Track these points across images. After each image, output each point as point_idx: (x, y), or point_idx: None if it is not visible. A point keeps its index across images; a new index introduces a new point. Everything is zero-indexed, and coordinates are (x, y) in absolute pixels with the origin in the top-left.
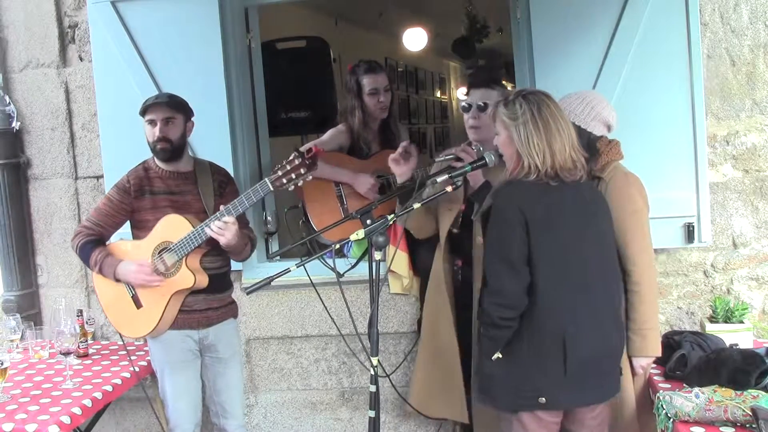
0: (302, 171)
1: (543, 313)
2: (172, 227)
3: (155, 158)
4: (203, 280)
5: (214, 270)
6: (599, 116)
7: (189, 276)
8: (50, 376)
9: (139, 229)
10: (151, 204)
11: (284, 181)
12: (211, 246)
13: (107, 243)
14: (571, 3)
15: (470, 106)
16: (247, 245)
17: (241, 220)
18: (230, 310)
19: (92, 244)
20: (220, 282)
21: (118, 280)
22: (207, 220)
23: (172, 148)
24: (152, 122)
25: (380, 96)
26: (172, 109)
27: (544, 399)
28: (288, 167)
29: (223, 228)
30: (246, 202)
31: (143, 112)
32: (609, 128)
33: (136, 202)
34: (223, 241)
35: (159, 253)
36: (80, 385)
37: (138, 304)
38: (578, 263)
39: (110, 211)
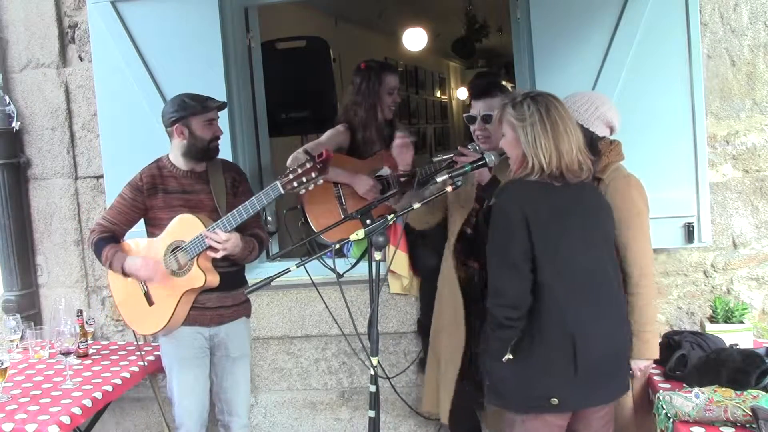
0: (313, 175)
1: (551, 314)
2: (185, 226)
3: (178, 157)
4: (214, 280)
5: (225, 268)
6: (603, 117)
7: (200, 275)
8: (50, 376)
9: (153, 227)
10: (164, 203)
11: (295, 184)
12: None
13: (123, 240)
14: (571, 3)
15: (475, 118)
16: (253, 251)
17: (253, 218)
18: (243, 308)
19: (105, 241)
20: (233, 280)
21: (126, 275)
22: (223, 217)
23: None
24: (212, 121)
25: (395, 95)
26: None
27: (556, 400)
28: (299, 171)
29: (219, 243)
30: (257, 204)
31: (203, 109)
32: (612, 130)
33: (149, 201)
34: (219, 255)
35: (172, 251)
36: (80, 385)
37: (150, 302)
38: (583, 263)
39: (123, 208)
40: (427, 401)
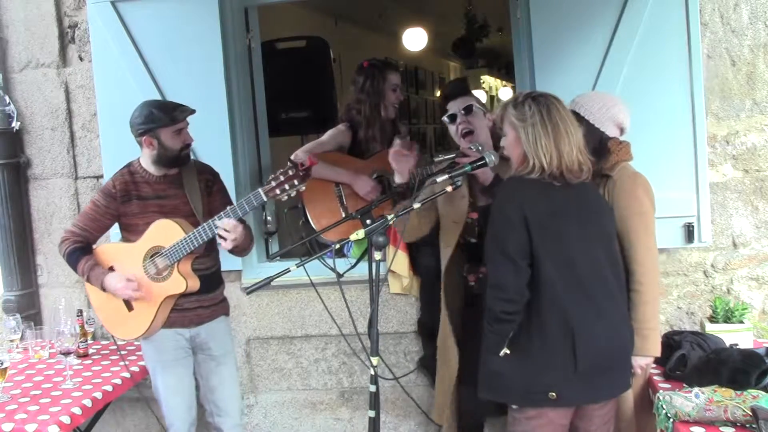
0: (296, 182)
1: (551, 310)
2: (164, 232)
3: (149, 164)
4: (194, 285)
5: (204, 271)
6: (614, 118)
7: (181, 281)
8: (50, 376)
9: (129, 232)
10: (139, 209)
11: (278, 192)
12: (203, 249)
13: (98, 245)
14: (571, 3)
15: (455, 114)
16: (252, 239)
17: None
18: (221, 307)
19: (79, 252)
20: (211, 282)
21: (105, 290)
22: (207, 222)
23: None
24: (180, 131)
25: (398, 93)
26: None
27: (554, 394)
28: (282, 178)
29: (229, 230)
30: (239, 211)
31: (171, 121)
32: (622, 131)
33: (122, 207)
34: (227, 245)
35: (151, 257)
36: (80, 385)
37: (129, 307)
38: (582, 262)
39: (96, 215)
40: (439, 412)
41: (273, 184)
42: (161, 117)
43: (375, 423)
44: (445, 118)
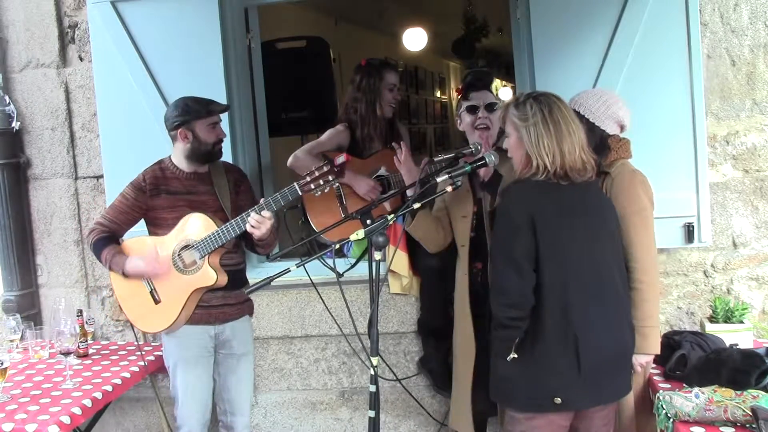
0: (330, 178)
1: (554, 313)
2: (196, 225)
3: (181, 160)
4: (223, 279)
5: (231, 267)
6: (614, 116)
7: (211, 274)
8: (50, 376)
9: (156, 227)
10: (168, 203)
11: (312, 186)
12: (233, 244)
13: (127, 239)
14: (571, 3)
15: (476, 107)
16: (276, 236)
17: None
18: (247, 307)
19: (104, 241)
20: (237, 279)
21: (126, 276)
22: (240, 216)
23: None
24: (216, 124)
25: (395, 92)
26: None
27: (559, 399)
28: (317, 174)
29: (260, 222)
30: (273, 205)
31: (207, 113)
32: (622, 128)
33: (151, 201)
34: (257, 234)
35: (181, 249)
36: (80, 385)
37: (156, 300)
38: (588, 263)
39: (125, 208)
40: (455, 419)
41: (308, 179)
42: (197, 109)
43: (375, 423)
44: (463, 109)
